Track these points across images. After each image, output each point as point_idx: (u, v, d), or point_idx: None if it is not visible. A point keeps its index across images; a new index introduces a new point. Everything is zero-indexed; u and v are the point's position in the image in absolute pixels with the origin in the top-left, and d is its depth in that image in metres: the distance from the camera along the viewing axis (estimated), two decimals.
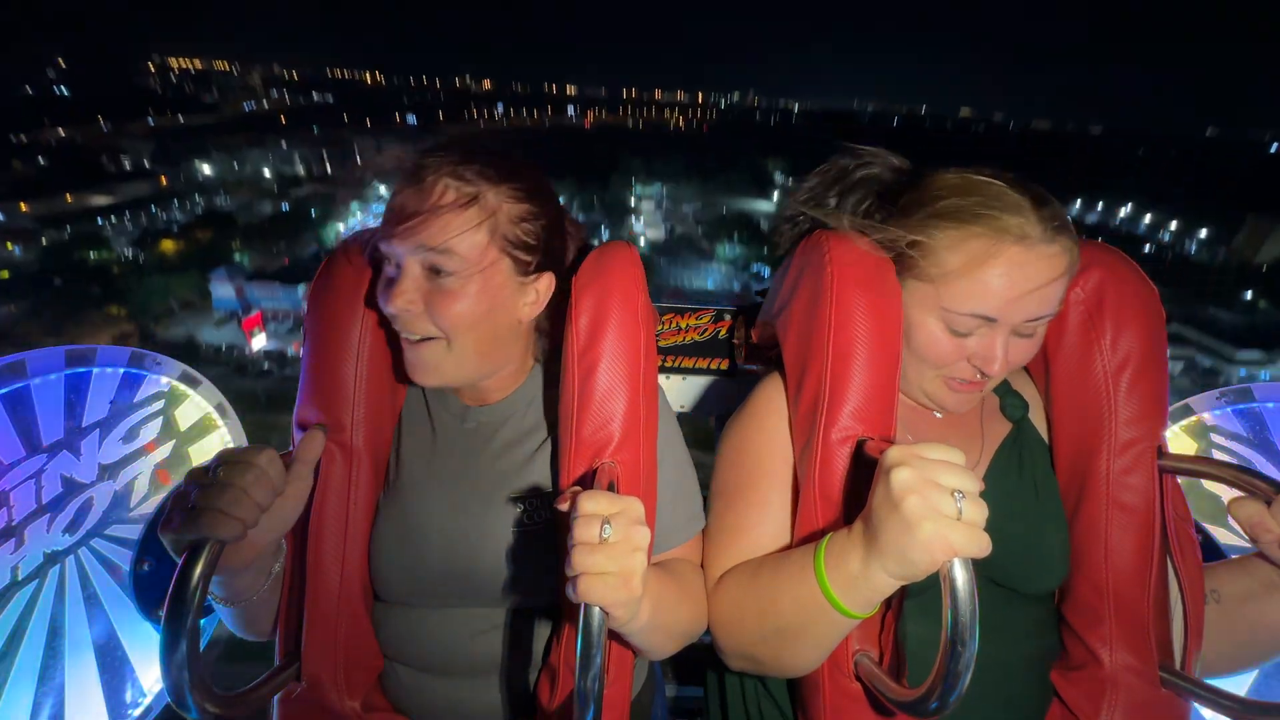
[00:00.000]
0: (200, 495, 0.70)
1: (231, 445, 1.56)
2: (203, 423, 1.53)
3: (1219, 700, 0.82)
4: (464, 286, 0.83)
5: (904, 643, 0.83)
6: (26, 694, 1.21)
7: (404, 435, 0.99)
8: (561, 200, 0.96)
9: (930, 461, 0.64)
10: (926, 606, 0.86)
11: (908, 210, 0.87)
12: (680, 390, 1.49)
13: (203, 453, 1.53)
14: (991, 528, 0.63)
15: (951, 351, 0.85)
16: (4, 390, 1.19)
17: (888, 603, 0.82)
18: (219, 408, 1.56)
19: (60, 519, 1.27)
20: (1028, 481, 0.93)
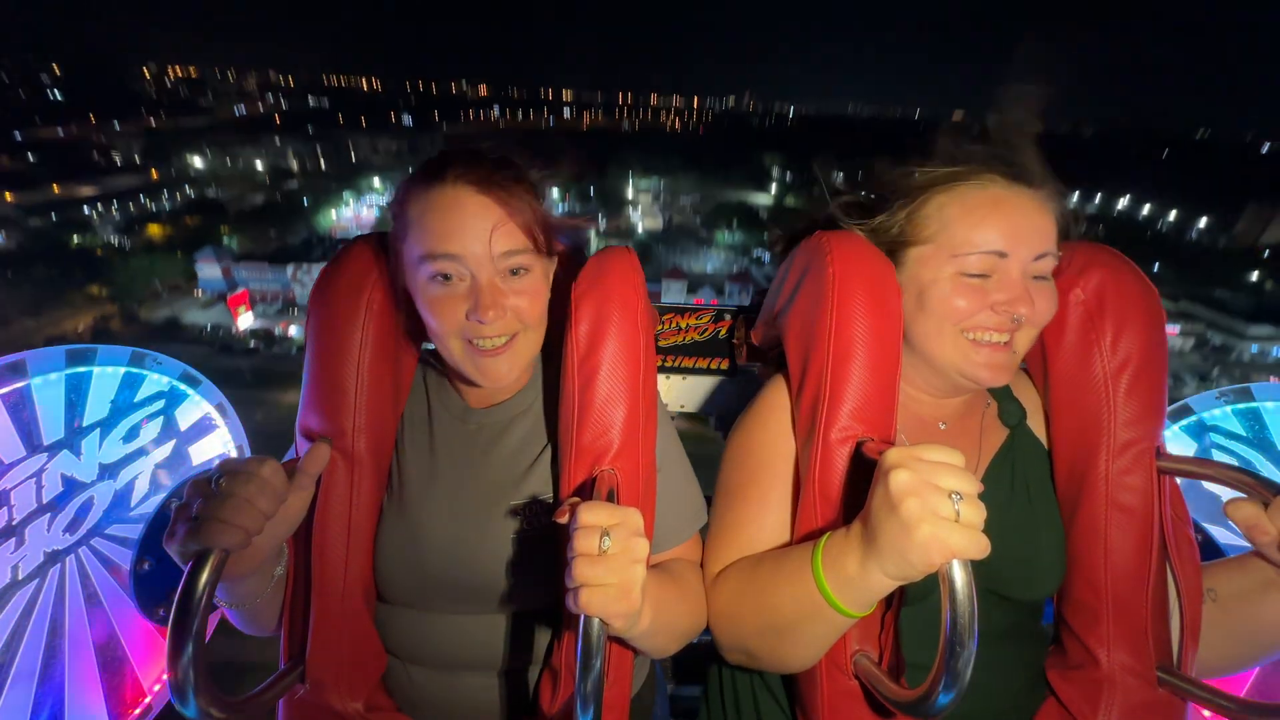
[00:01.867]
0: (204, 506, 0.70)
1: (231, 445, 1.56)
2: (203, 422, 1.53)
3: (1216, 700, 0.82)
4: (536, 283, 0.90)
5: (902, 643, 0.83)
6: (26, 693, 1.21)
7: (405, 440, 1.00)
8: (555, 191, 0.99)
9: (929, 463, 0.64)
10: (926, 610, 0.86)
11: (893, 204, 0.92)
12: (680, 390, 1.49)
13: (203, 452, 1.53)
14: (988, 538, 0.63)
15: (973, 299, 0.85)
16: (5, 389, 1.18)
17: (887, 603, 0.82)
18: (219, 407, 1.56)
19: (61, 518, 1.27)
20: (1021, 490, 0.94)
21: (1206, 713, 1.05)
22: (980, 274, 0.85)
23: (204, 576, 0.66)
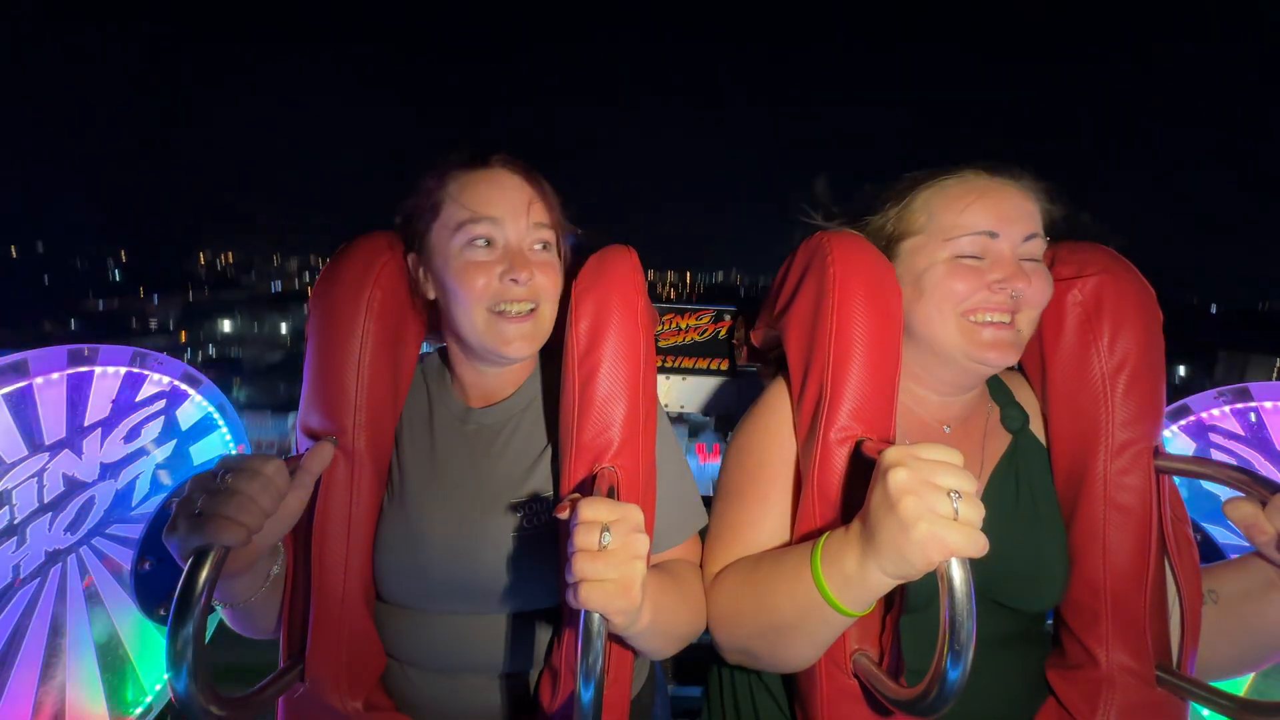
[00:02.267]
0: (206, 502, 0.70)
1: (232, 445, 1.56)
2: (204, 422, 1.53)
3: (1215, 700, 0.82)
4: (556, 261, 0.96)
5: (904, 648, 0.83)
6: (28, 692, 1.21)
7: (405, 440, 1.00)
8: None
9: (927, 462, 0.64)
10: (929, 618, 0.86)
11: (885, 200, 0.96)
12: (680, 390, 1.49)
13: (204, 452, 1.53)
14: (991, 550, 0.63)
15: (969, 280, 0.87)
16: (7, 389, 1.19)
17: (887, 604, 0.82)
18: (220, 407, 1.56)
19: (62, 518, 1.28)
20: (1026, 498, 0.94)
21: (1206, 713, 1.05)
22: (974, 255, 0.87)
23: (204, 573, 0.66)
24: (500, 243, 0.92)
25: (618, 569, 0.64)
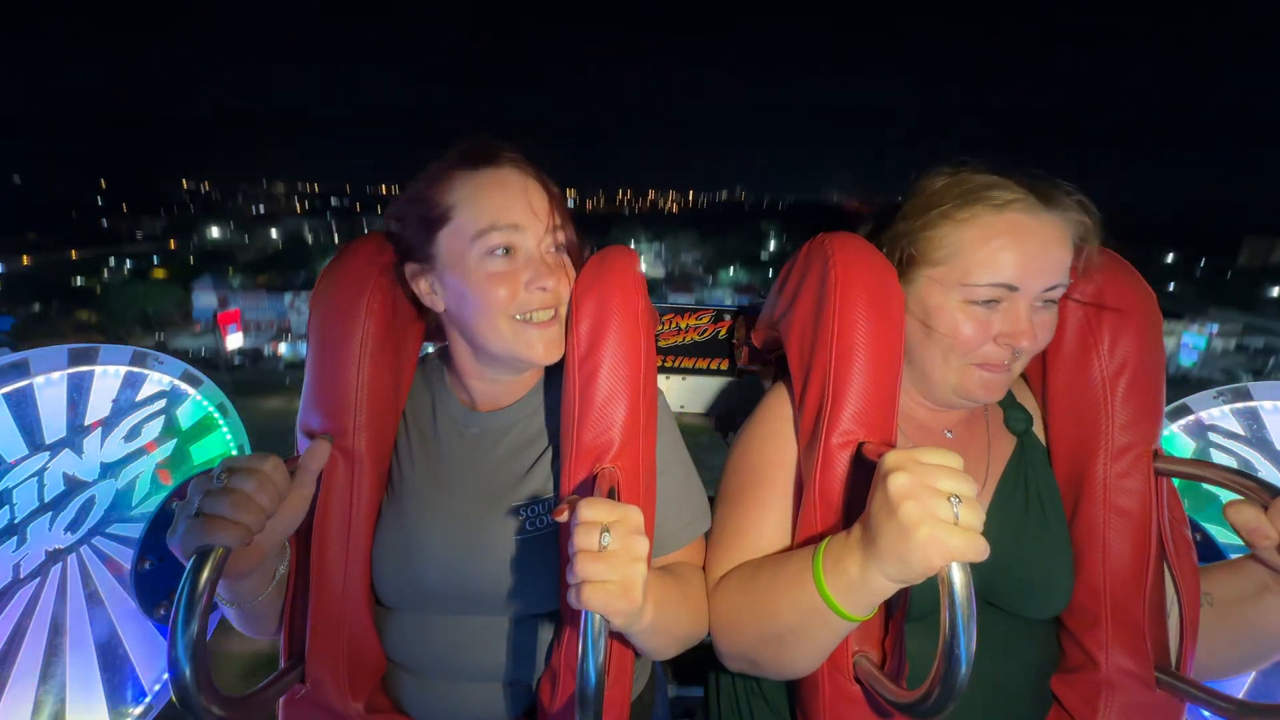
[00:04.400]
0: (206, 502, 0.70)
1: (232, 445, 1.56)
2: (204, 422, 1.53)
3: (1215, 701, 0.82)
4: (568, 260, 0.94)
5: (906, 654, 0.83)
6: (28, 692, 1.21)
7: (405, 443, 1.00)
8: None
9: (928, 466, 0.64)
10: (931, 626, 0.86)
11: (909, 215, 0.90)
12: (680, 390, 1.49)
13: (204, 452, 1.53)
14: (998, 558, 0.63)
15: (977, 331, 0.85)
16: (7, 388, 1.19)
17: (889, 607, 0.82)
18: (220, 407, 1.56)
19: (62, 517, 1.28)
20: (1035, 504, 0.93)
21: (1206, 713, 1.05)
22: (988, 301, 0.84)
23: (205, 574, 0.66)
24: (521, 250, 0.89)
25: (618, 570, 0.64)
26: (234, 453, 1.59)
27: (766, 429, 0.95)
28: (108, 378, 1.35)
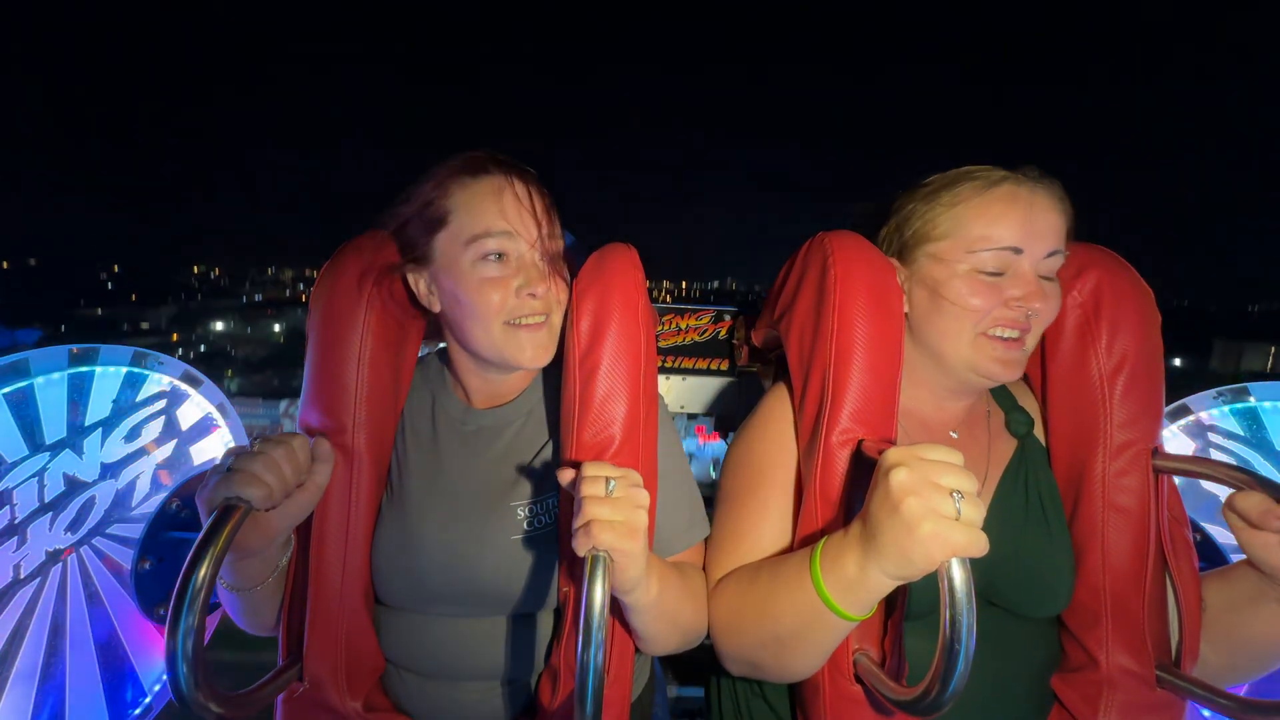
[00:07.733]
0: (239, 460, 0.76)
1: (233, 445, 1.56)
2: (204, 422, 1.53)
3: (1216, 699, 0.82)
4: (563, 266, 0.95)
5: (906, 654, 0.83)
6: (28, 692, 1.21)
7: (404, 441, 1.00)
8: None
9: (929, 462, 0.64)
10: (931, 625, 0.86)
11: (903, 205, 0.93)
12: (680, 390, 1.49)
13: (204, 452, 1.53)
14: (999, 557, 0.63)
15: (988, 296, 0.85)
16: (7, 389, 1.19)
17: (888, 607, 0.82)
18: (220, 407, 1.56)
19: (62, 517, 1.28)
20: (1035, 506, 0.93)
21: (1206, 713, 1.05)
22: (994, 271, 0.85)
23: (226, 529, 0.70)
24: (513, 256, 0.90)
25: (624, 513, 0.67)
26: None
27: (766, 429, 0.95)
28: (108, 378, 1.35)
